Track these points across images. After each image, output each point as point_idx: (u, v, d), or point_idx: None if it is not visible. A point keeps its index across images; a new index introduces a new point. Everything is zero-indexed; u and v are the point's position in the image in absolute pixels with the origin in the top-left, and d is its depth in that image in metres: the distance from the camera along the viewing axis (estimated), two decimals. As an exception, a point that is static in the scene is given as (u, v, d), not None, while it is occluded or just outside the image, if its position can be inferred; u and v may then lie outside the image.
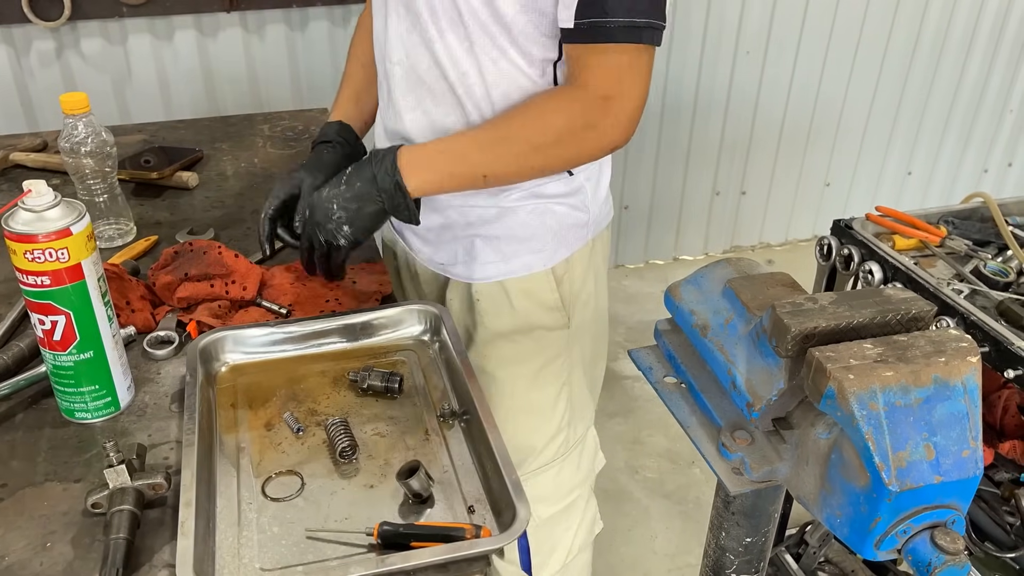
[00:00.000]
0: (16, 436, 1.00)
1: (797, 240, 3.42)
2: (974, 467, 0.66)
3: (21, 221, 0.90)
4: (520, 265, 1.24)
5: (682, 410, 0.84)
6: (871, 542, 0.67)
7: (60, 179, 1.60)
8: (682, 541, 2.16)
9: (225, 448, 0.97)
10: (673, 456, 2.40)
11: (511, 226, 1.22)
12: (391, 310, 1.16)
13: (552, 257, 1.25)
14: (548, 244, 1.24)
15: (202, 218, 1.50)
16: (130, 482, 0.87)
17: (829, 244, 1.58)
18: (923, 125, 3.27)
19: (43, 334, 0.96)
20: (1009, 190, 3.51)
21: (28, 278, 0.92)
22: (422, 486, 0.89)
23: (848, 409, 0.64)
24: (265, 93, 2.47)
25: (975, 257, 1.50)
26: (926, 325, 0.72)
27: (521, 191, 1.21)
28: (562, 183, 1.23)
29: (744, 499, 0.82)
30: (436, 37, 1.12)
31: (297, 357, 1.12)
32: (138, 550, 0.85)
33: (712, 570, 0.88)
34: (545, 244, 1.24)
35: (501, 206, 1.22)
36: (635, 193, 3.09)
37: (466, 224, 1.25)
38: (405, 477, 0.88)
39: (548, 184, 1.22)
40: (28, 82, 2.29)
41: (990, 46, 3.14)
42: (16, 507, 0.90)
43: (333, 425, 0.98)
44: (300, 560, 0.83)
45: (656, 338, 0.91)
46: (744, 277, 0.82)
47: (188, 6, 2.28)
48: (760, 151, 3.13)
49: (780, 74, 2.98)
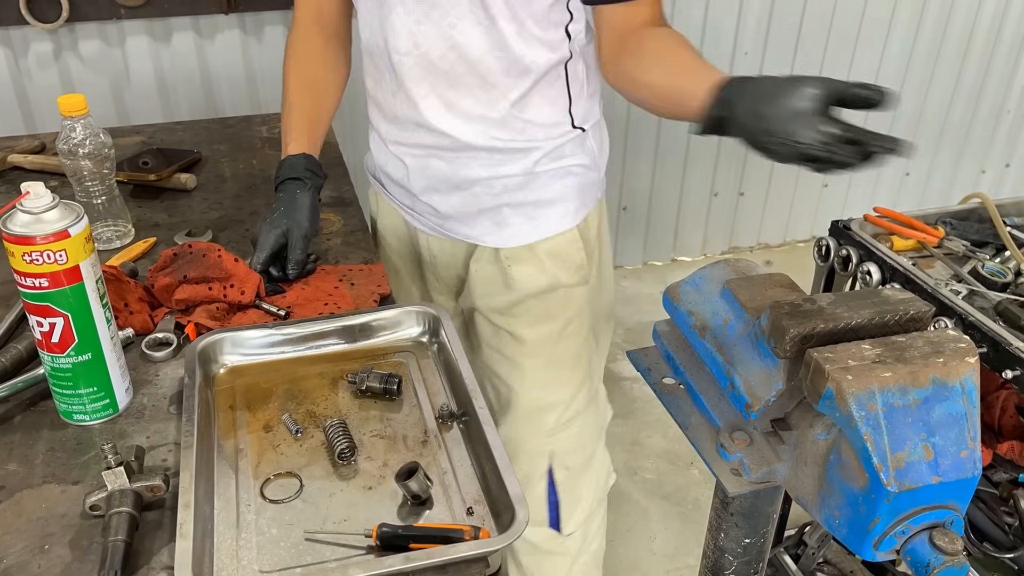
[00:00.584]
0: (14, 438, 1.00)
1: (795, 241, 3.42)
2: (972, 468, 0.66)
3: (19, 223, 0.90)
4: (548, 227, 1.32)
5: (681, 411, 0.84)
6: (870, 543, 0.67)
7: (58, 181, 1.60)
8: (681, 542, 2.15)
9: (224, 450, 0.97)
10: (672, 457, 2.40)
11: (537, 190, 1.29)
12: (390, 312, 1.16)
13: (576, 217, 1.34)
14: (571, 204, 1.32)
15: (200, 220, 1.50)
16: (128, 484, 0.87)
17: (827, 245, 1.58)
18: (921, 126, 3.27)
19: (41, 336, 0.96)
20: (1007, 191, 3.51)
21: (26, 280, 0.92)
22: (421, 488, 0.89)
23: (846, 410, 0.64)
24: (263, 95, 2.47)
25: (973, 258, 1.50)
26: (924, 326, 0.72)
27: (544, 154, 1.27)
28: (576, 143, 1.30)
29: (743, 500, 0.82)
30: (456, 22, 1.16)
31: (296, 359, 1.12)
32: (136, 552, 0.85)
33: (711, 571, 0.88)
34: (568, 204, 1.32)
35: (531, 172, 1.28)
36: (633, 194, 3.09)
37: (493, 196, 1.30)
38: (404, 479, 0.88)
39: (566, 145, 1.29)
40: (26, 84, 2.29)
41: (987, 47, 3.15)
42: (14, 509, 0.90)
43: (332, 427, 0.98)
44: (299, 562, 0.83)
45: (655, 339, 0.91)
46: (742, 278, 0.82)
47: (186, 8, 2.28)
48: (758, 152, 3.14)
49: (778, 74, 2.98)
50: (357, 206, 1.55)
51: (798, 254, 3.34)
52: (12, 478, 0.94)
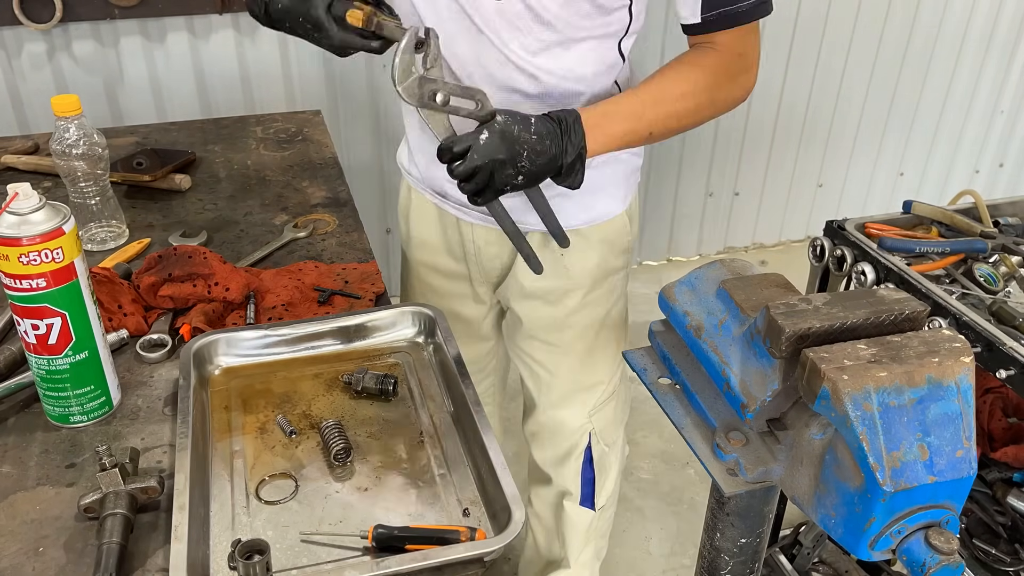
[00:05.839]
0: (8, 440, 0.99)
1: (790, 241, 3.43)
2: (968, 467, 0.66)
3: (7, 224, 0.89)
4: (601, 212, 1.35)
5: (677, 411, 0.84)
6: (865, 542, 0.67)
7: (52, 182, 1.59)
8: (677, 542, 2.16)
9: (219, 451, 0.97)
10: (668, 457, 2.41)
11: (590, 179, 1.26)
12: (385, 312, 1.16)
13: (624, 201, 1.37)
14: (620, 189, 1.36)
15: (195, 220, 1.49)
16: (123, 486, 0.87)
17: (822, 245, 1.58)
18: (915, 126, 3.28)
19: (35, 340, 0.95)
20: (1001, 191, 3.52)
21: (21, 283, 0.91)
22: None
23: (842, 410, 0.64)
24: (257, 95, 2.46)
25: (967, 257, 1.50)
26: (919, 326, 0.72)
27: None
28: None
29: (739, 500, 0.82)
30: None
31: (291, 360, 1.12)
32: (131, 554, 0.84)
33: (707, 571, 0.88)
34: (618, 189, 1.35)
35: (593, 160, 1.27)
36: (628, 194, 3.09)
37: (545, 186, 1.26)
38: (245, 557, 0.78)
39: None
40: (19, 84, 2.28)
41: (981, 47, 3.16)
42: (8, 512, 0.90)
43: (327, 428, 0.97)
44: (294, 564, 0.83)
45: (650, 339, 0.91)
46: (738, 278, 0.82)
47: (180, 8, 2.27)
48: (753, 152, 3.14)
49: (773, 75, 2.99)
50: (352, 206, 1.55)
51: (793, 254, 3.34)
52: (6, 480, 0.94)
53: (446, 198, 1.36)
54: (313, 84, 2.47)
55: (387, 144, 2.60)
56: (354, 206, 1.55)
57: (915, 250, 1.48)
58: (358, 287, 1.26)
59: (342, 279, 1.28)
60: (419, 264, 1.47)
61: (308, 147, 1.81)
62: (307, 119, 1.96)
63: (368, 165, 2.60)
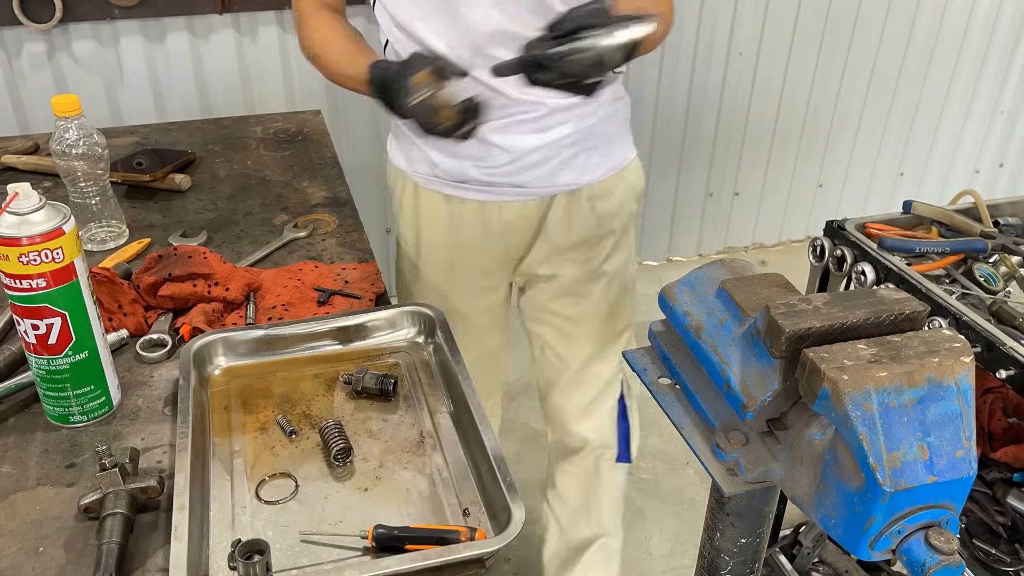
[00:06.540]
0: (8, 440, 0.99)
1: (790, 241, 3.43)
2: (968, 467, 0.66)
3: (7, 224, 0.89)
4: (619, 160, 1.44)
5: (676, 411, 0.84)
6: (865, 542, 0.67)
7: (52, 182, 1.59)
8: (677, 542, 2.16)
9: (218, 451, 0.97)
10: (667, 457, 2.41)
11: (604, 131, 1.38)
12: (385, 312, 1.16)
13: (632, 146, 1.48)
14: (627, 135, 1.46)
15: (195, 220, 1.49)
16: (123, 486, 0.87)
17: (822, 245, 1.58)
18: (915, 126, 3.28)
19: (36, 340, 0.95)
20: (1001, 191, 3.52)
21: (21, 283, 0.91)
22: None
23: (842, 410, 0.64)
24: (257, 95, 2.46)
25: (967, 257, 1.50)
26: (919, 326, 0.72)
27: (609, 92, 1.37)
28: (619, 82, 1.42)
29: (738, 500, 0.82)
30: None
31: (291, 360, 1.12)
32: (131, 555, 0.84)
33: (707, 571, 0.88)
34: (627, 136, 1.46)
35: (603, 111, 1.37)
36: (628, 194, 3.09)
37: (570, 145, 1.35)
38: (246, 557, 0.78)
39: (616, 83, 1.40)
40: (19, 84, 2.28)
41: (981, 47, 3.16)
42: (8, 512, 0.90)
43: (327, 428, 0.97)
44: (294, 564, 0.83)
45: (650, 339, 0.91)
46: (738, 278, 0.82)
47: (180, 8, 2.27)
48: (753, 152, 3.14)
49: (773, 75, 2.99)
50: (352, 206, 1.55)
51: (793, 254, 3.34)
52: (6, 480, 0.94)
53: (467, 184, 1.37)
54: (313, 84, 2.47)
55: (387, 144, 2.60)
56: (354, 206, 1.55)
57: (915, 250, 1.48)
58: (358, 287, 1.26)
59: (342, 279, 1.28)
60: (429, 268, 1.47)
61: (308, 147, 1.81)
62: (307, 119, 1.96)
63: (368, 165, 2.60)
